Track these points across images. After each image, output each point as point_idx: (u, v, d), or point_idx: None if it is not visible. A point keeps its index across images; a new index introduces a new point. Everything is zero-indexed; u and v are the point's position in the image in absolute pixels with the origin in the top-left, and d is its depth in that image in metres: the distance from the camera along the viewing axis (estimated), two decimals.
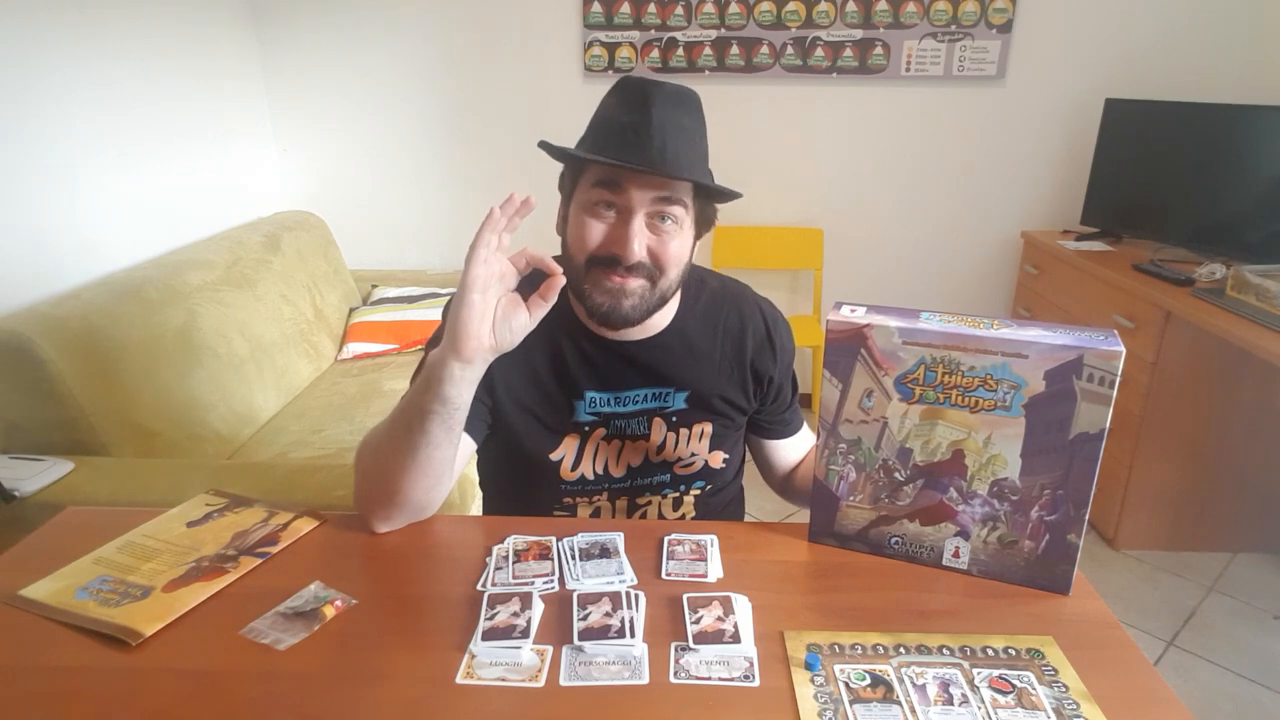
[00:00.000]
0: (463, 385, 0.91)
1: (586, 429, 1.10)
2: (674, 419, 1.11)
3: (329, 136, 2.98)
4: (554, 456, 1.09)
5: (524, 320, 0.93)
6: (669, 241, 0.99)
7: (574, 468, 1.10)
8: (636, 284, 0.99)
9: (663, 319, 1.09)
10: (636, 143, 0.94)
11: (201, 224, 2.49)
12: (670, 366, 1.10)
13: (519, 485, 1.15)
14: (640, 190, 0.96)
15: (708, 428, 1.12)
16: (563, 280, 0.94)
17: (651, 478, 1.13)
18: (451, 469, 0.99)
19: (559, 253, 1.08)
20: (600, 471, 1.11)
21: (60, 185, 1.97)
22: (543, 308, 0.94)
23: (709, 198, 1.03)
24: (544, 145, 1.01)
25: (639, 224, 0.97)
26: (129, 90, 2.20)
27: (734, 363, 1.13)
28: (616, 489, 1.13)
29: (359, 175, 3.03)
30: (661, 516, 1.16)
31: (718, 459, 1.14)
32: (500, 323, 0.91)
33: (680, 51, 2.81)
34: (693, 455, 1.13)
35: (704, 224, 1.05)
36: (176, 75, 2.41)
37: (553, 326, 1.06)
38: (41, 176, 1.91)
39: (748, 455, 1.26)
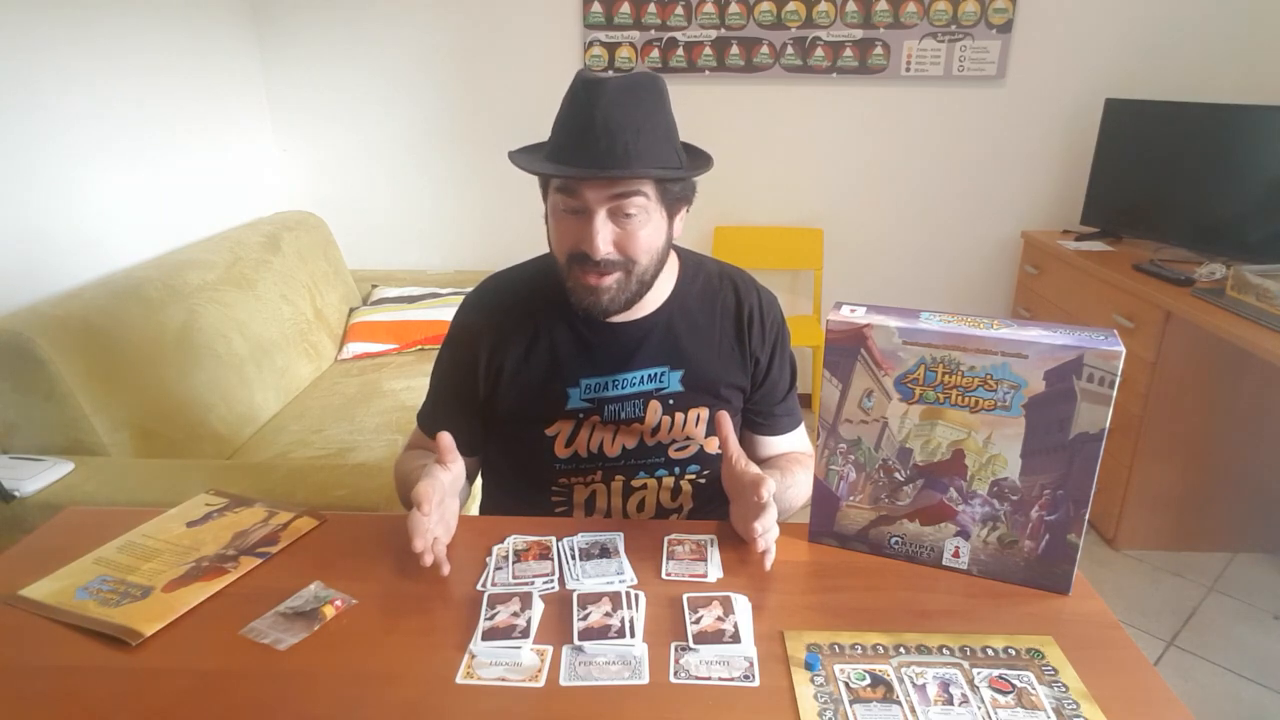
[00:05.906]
0: None
1: (581, 415, 1.11)
2: (671, 401, 1.12)
3: (329, 137, 2.98)
4: (549, 432, 1.12)
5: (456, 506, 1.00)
6: (636, 231, 1.01)
7: (568, 445, 1.12)
8: (610, 280, 1.02)
9: (655, 299, 1.11)
10: (583, 144, 0.96)
11: (201, 224, 2.49)
12: (666, 344, 1.11)
13: (515, 464, 1.17)
14: (594, 191, 0.98)
15: (704, 413, 1.13)
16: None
17: (646, 459, 1.13)
18: (462, 500, 1.05)
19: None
20: (594, 450, 1.12)
21: (60, 185, 1.97)
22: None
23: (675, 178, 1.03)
24: (511, 157, 1.04)
25: (600, 221, 0.99)
26: (129, 90, 2.20)
27: (733, 340, 1.15)
28: (610, 468, 1.13)
29: (359, 175, 3.03)
30: (659, 504, 1.16)
31: (713, 444, 1.14)
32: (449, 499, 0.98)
33: (680, 51, 2.81)
34: (688, 439, 1.13)
35: (679, 201, 1.05)
36: (176, 75, 2.41)
37: (545, 318, 1.11)
38: (41, 176, 1.91)
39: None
